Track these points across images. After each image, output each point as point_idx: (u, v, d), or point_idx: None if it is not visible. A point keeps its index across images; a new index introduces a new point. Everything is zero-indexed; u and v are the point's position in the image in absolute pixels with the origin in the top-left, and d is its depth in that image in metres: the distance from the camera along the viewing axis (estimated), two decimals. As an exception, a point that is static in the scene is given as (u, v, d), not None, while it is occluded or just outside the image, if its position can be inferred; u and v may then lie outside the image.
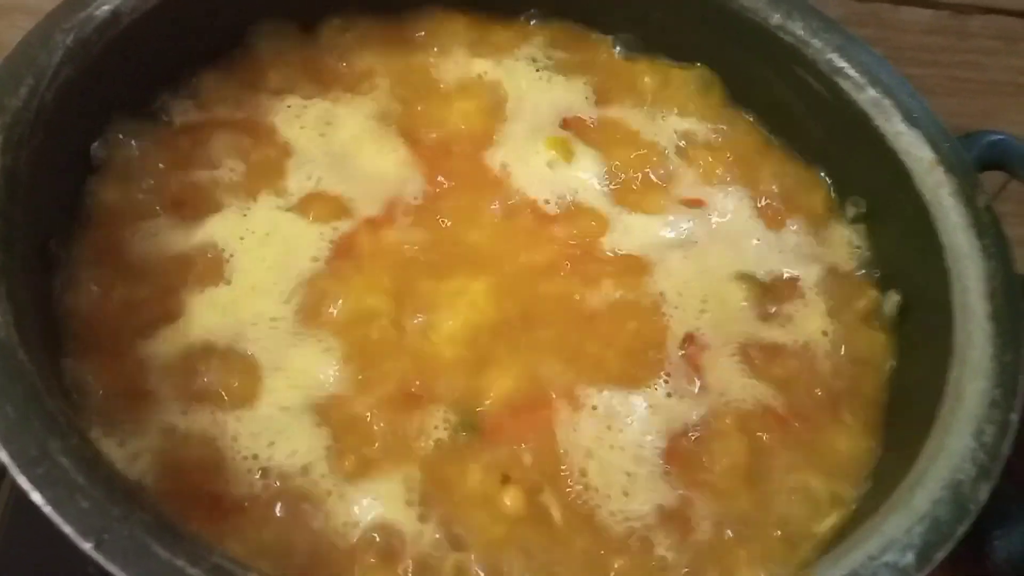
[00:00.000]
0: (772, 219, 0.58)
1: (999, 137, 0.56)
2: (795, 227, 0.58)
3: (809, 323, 0.53)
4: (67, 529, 0.33)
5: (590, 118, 0.61)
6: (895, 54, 0.81)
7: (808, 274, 0.55)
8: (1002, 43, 0.82)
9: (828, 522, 0.45)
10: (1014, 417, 0.42)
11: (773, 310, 0.53)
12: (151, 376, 0.46)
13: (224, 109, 0.57)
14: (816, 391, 0.50)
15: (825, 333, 0.53)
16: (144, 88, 0.55)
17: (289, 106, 0.57)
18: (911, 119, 0.54)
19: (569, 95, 0.61)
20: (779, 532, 0.45)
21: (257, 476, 0.43)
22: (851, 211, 0.59)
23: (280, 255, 0.51)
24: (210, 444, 0.44)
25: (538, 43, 0.63)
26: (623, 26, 0.64)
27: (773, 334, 0.52)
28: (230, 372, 0.46)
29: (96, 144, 0.53)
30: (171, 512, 0.37)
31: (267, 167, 0.54)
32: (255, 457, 0.44)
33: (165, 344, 0.47)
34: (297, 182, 0.54)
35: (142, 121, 0.55)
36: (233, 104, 0.57)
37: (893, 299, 0.55)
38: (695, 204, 0.57)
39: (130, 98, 0.54)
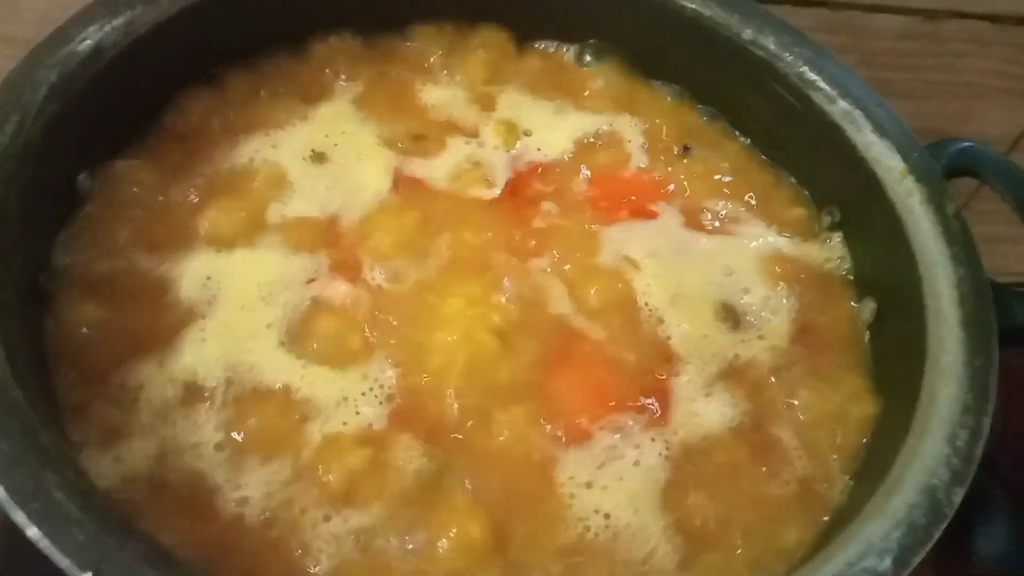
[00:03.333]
0: (748, 230, 0.59)
1: (967, 144, 0.57)
2: (772, 237, 0.59)
3: (784, 336, 0.54)
4: (64, 563, 0.34)
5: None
6: (869, 59, 0.83)
7: (784, 287, 0.56)
8: (973, 46, 0.83)
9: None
10: (986, 421, 0.43)
11: (748, 330, 0.54)
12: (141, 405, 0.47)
13: (209, 137, 0.58)
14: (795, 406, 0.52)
15: (804, 346, 0.54)
16: (130, 118, 0.56)
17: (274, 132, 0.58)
18: (881, 129, 0.56)
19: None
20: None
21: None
22: (827, 220, 0.60)
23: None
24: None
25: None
26: (592, 35, 0.66)
27: (750, 353, 0.53)
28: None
29: (83, 175, 0.53)
30: (164, 537, 0.37)
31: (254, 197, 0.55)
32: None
33: (156, 371, 0.48)
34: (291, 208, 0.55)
35: (128, 151, 0.56)
36: (219, 132, 0.58)
37: (869, 306, 0.56)
38: (651, 215, 0.58)
39: (116, 129, 0.55)
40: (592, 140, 0.62)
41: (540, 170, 0.60)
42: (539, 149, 0.61)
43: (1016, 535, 0.47)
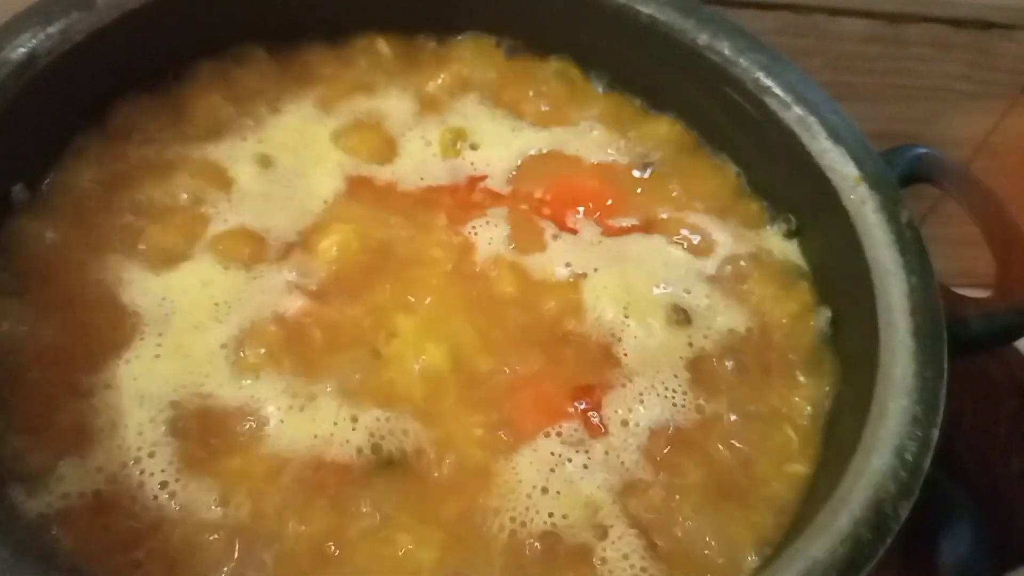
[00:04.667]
0: (705, 236, 0.58)
1: (923, 151, 0.56)
2: (728, 243, 0.58)
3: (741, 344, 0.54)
4: (-25, 595, 0.33)
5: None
6: (833, 63, 0.83)
7: (740, 294, 0.56)
8: (937, 50, 0.83)
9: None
10: (935, 433, 0.43)
11: (703, 335, 0.53)
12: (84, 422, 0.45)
13: (154, 146, 0.56)
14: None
15: (757, 355, 0.53)
16: (69, 127, 0.55)
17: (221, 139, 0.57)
18: (835, 136, 0.55)
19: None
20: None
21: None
22: (783, 227, 0.59)
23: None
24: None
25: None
26: (546, 42, 0.65)
27: (703, 359, 0.52)
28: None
29: (18, 187, 0.52)
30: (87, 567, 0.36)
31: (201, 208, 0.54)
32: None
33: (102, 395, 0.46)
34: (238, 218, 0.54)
35: (66, 161, 0.54)
36: (163, 140, 0.57)
37: (825, 315, 0.55)
38: (601, 224, 0.58)
39: (53, 138, 0.54)
40: (541, 150, 0.61)
41: (481, 181, 0.59)
42: (472, 164, 0.60)
43: (979, 543, 0.46)
